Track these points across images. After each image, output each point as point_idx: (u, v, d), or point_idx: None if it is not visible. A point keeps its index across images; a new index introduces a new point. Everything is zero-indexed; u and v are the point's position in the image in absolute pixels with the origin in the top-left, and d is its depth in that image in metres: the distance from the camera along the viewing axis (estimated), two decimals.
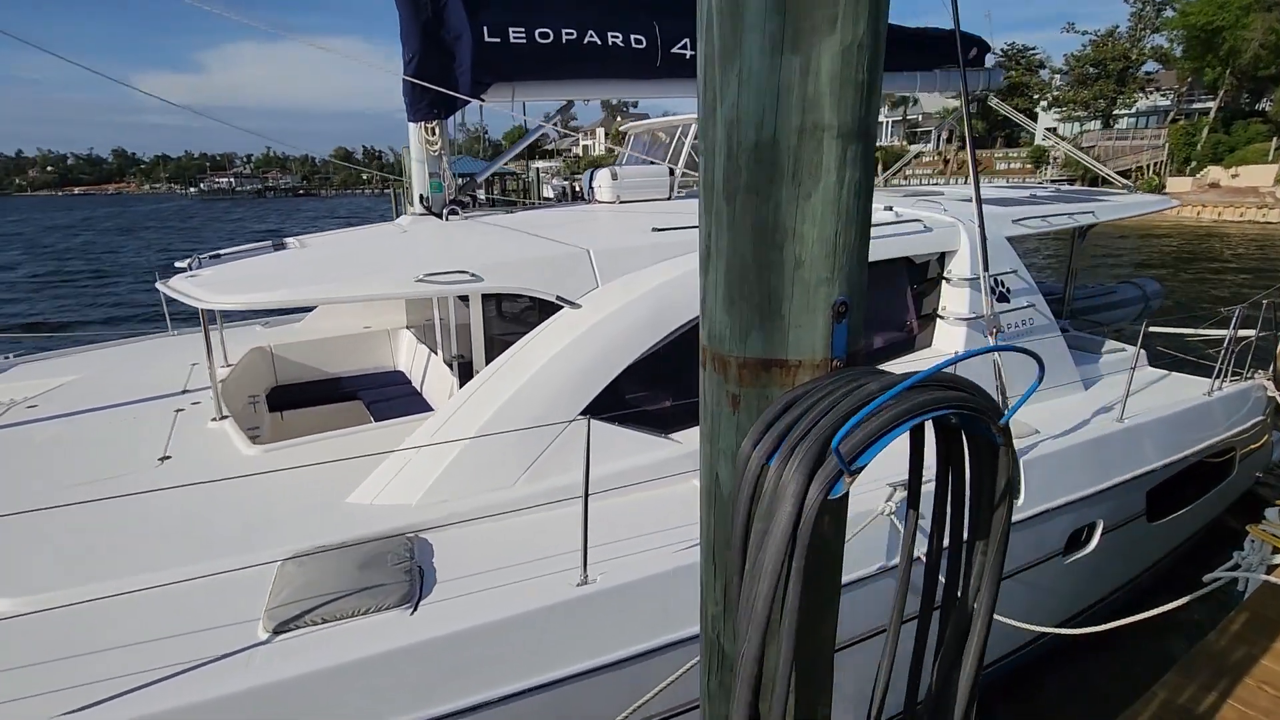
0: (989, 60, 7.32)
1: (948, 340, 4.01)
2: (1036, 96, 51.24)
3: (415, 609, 2.28)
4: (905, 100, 59.33)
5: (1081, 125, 47.39)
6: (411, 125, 4.57)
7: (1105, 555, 3.99)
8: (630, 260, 3.47)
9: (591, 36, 4.75)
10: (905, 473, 3.08)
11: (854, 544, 2.76)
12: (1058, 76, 48.92)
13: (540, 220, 4.47)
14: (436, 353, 4.60)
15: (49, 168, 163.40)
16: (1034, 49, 55.89)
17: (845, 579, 2.89)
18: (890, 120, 61.83)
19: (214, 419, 3.81)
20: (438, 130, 4.56)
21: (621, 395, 3.25)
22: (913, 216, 4.19)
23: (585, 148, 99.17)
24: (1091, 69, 44.74)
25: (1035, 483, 3.43)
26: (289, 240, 4.31)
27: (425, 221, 4.56)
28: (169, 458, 3.42)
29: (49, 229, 49.37)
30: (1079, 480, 3.63)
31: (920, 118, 59.62)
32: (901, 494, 2.93)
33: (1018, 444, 3.62)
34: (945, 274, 4.13)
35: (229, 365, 4.83)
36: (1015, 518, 3.27)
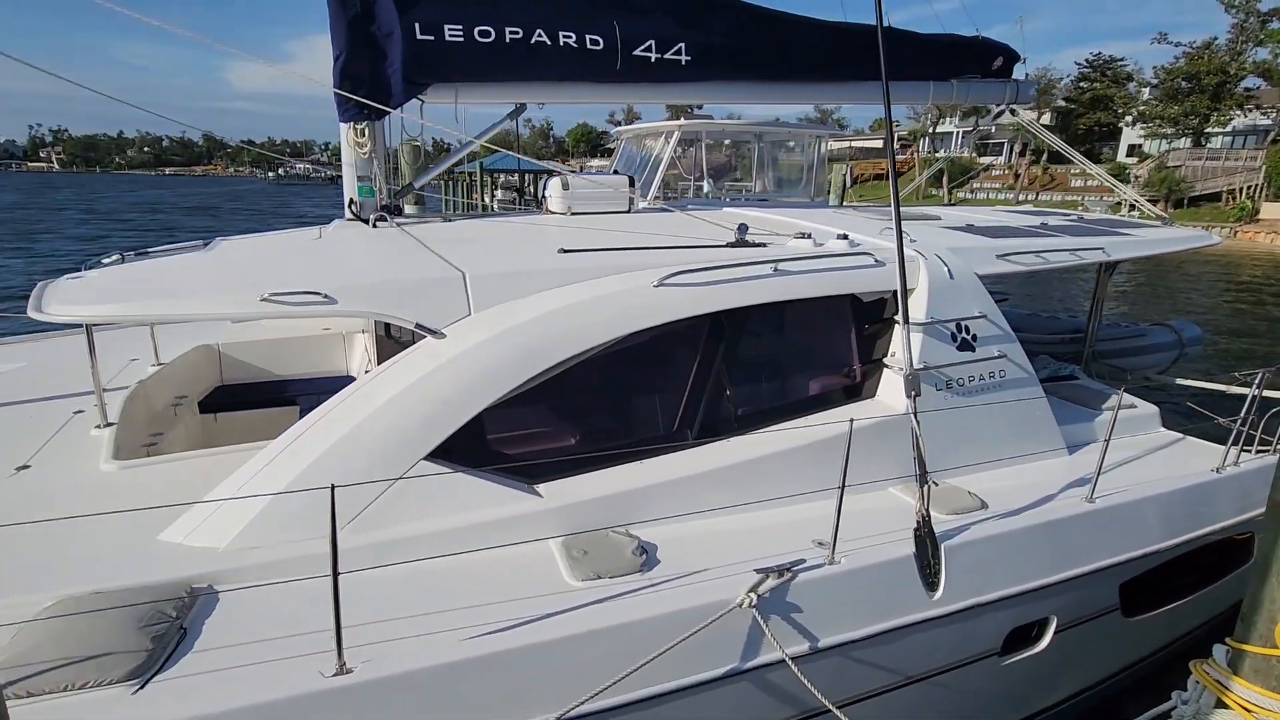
0: (1019, 71, 6.64)
1: (894, 392, 3.51)
2: (1121, 110, 48.31)
3: (144, 685, 1.99)
4: (977, 111, 56.84)
5: (1169, 143, 44.35)
6: (342, 125, 4.33)
7: (1065, 655, 3.42)
8: (517, 286, 3.12)
9: (540, 36, 4.42)
10: (778, 556, 2.65)
11: (700, 640, 2.34)
12: (1146, 90, 45.93)
13: (465, 233, 4.16)
14: (377, 361, 4.36)
15: (145, 148, 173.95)
16: (1122, 60, 52.80)
17: (683, 681, 2.51)
18: (960, 131, 59.32)
19: (98, 426, 3.65)
20: (368, 132, 4.30)
21: (483, 439, 2.91)
22: (865, 248, 3.69)
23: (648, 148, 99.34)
24: (1184, 83, 41.77)
25: (962, 571, 2.91)
26: (219, 241, 4.13)
27: (351, 229, 4.32)
28: (27, 467, 3.25)
29: (135, 204, 52.36)
30: (1022, 570, 3.09)
31: (993, 129, 56.94)
32: (772, 582, 2.49)
33: (954, 520, 3.11)
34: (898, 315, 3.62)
35: (158, 364, 4.70)
36: (929, 613, 2.78)
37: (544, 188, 5.01)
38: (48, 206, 48.86)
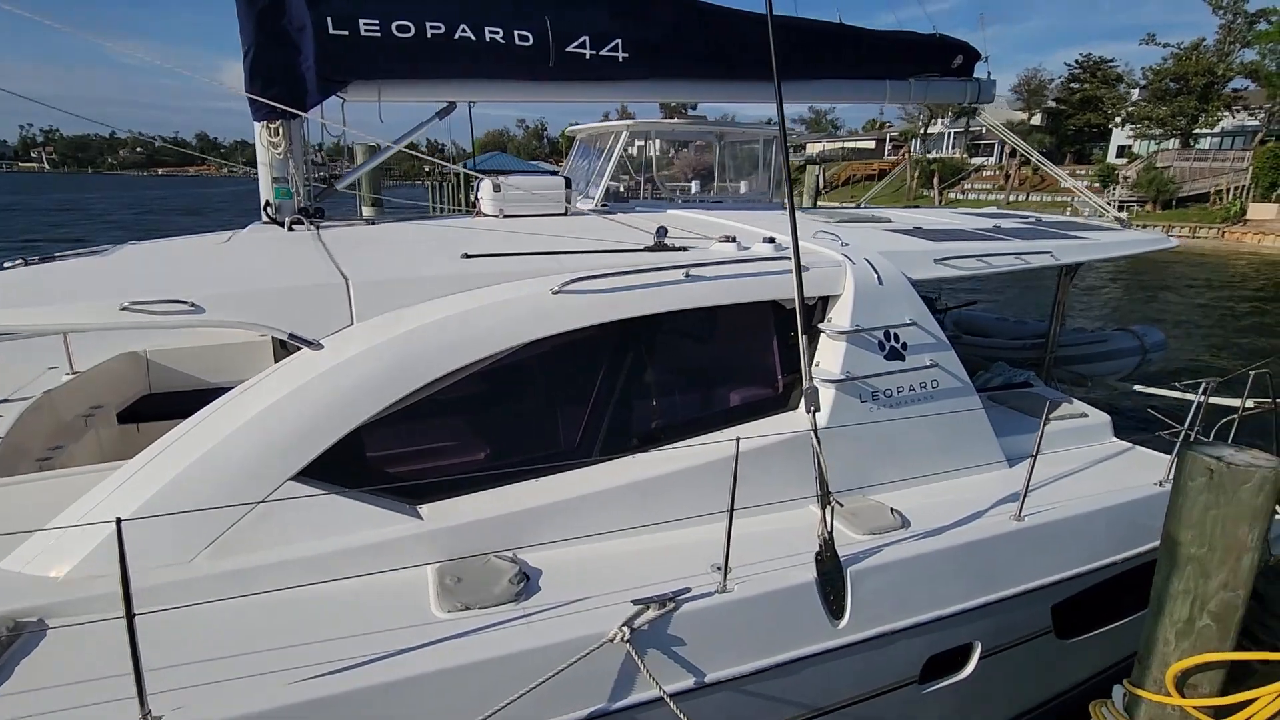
0: (981, 70, 6.49)
1: (821, 404, 3.34)
2: (1110, 111, 48.33)
3: None
4: (967, 110, 56.83)
5: (1158, 143, 44.37)
6: (256, 124, 4.15)
7: (993, 680, 3.26)
8: (408, 293, 2.94)
9: (464, 31, 4.24)
10: (674, 582, 2.48)
11: (567, 678, 2.17)
12: (1135, 91, 45.95)
13: (379, 237, 3.98)
14: None
15: (138, 149, 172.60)
16: (1111, 61, 52.84)
17: None
18: (951, 132, 59.36)
19: None
20: (282, 131, 4.12)
21: (361, 456, 2.73)
22: (789, 252, 3.52)
23: (640, 148, 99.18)
24: (1172, 84, 41.78)
25: (872, 596, 2.75)
26: (128, 245, 3.94)
27: (264, 232, 4.13)
28: None
29: (127, 205, 51.90)
30: (941, 594, 2.93)
31: (984, 130, 56.95)
32: (652, 614, 2.31)
33: (870, 541, 2.94)
34: (823, 323, 3.45)
35: (72, 373, 4.51)
36: (832, 643, 2.61)
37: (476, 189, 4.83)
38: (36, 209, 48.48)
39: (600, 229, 4.08)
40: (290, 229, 4.14)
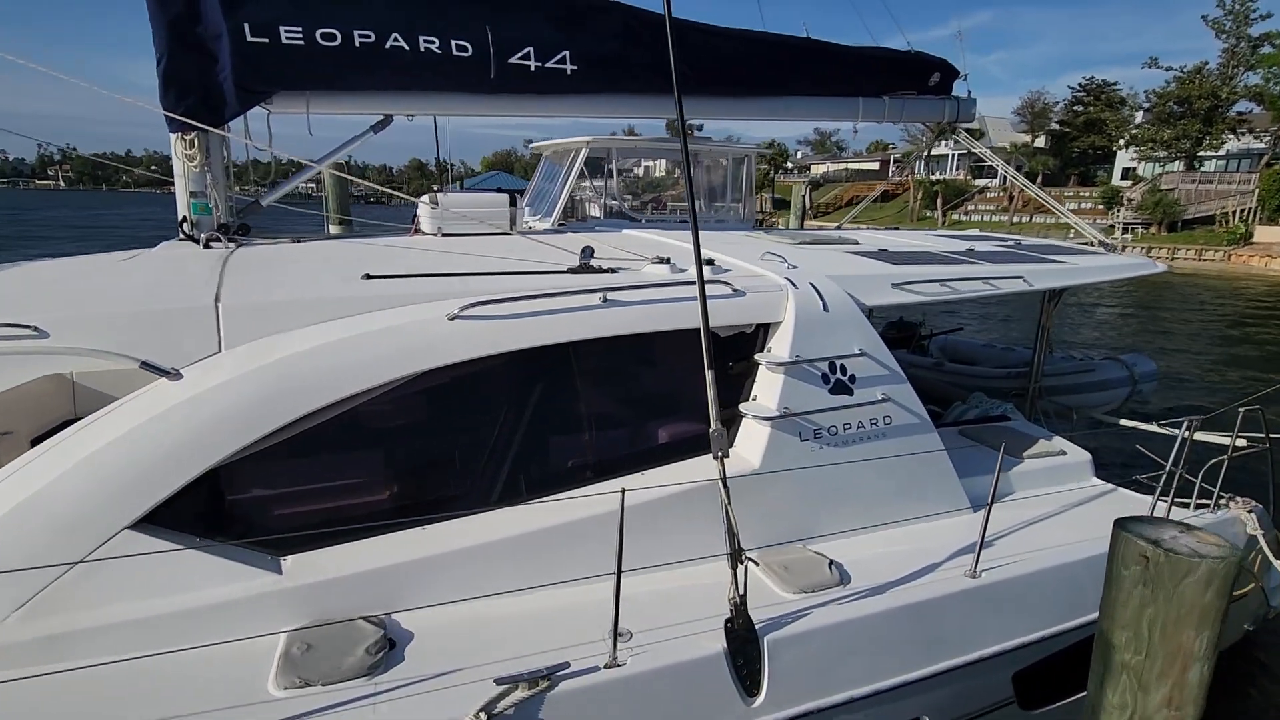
0: (960, 89, 6.24)
1: (750, 443, 3.02)
2: (1114, 134, 48.16)
3: None
4: (972, 133, 56.76)
5: (1162, 166, 44.10)
6: (171, 136, 3.91)
7: None
8: (289, 317, 2.66)
9: (396, 41, 4.01)
10: (546, 656, 2.15)
11: None
12: (1139, 114, 45.79)
13: (293, 256, 3.70)
14: None
15: (153, 167, 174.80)
16: (1115, 84, 52.79)
17: None
18: (955, 153, 59.29)
19: None
20: (198, 143, 3.88)
21: (217, 501, 2.43)
22: (723, 276, 3.23)
23: (647, 168, 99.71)
24: (1175, 106, 41.59)
25: (797, 668, 2.41)
26: (25, 262, 3.69)
27: (175, 249, 3.87)
28: None
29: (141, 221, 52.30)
30: (880, 664, 2.59)
31: (988, 151, 56.85)
32: (520, 694, 1.99)
33: (799, 601, 2.61)
34: (761, 354, 3.15)
35: None
36: None
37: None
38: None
39: (539, 250, 3.81)
40: (207, 246, 3.88)
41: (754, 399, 3.10)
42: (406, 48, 4.05)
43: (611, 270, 3.28)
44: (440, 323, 2.67)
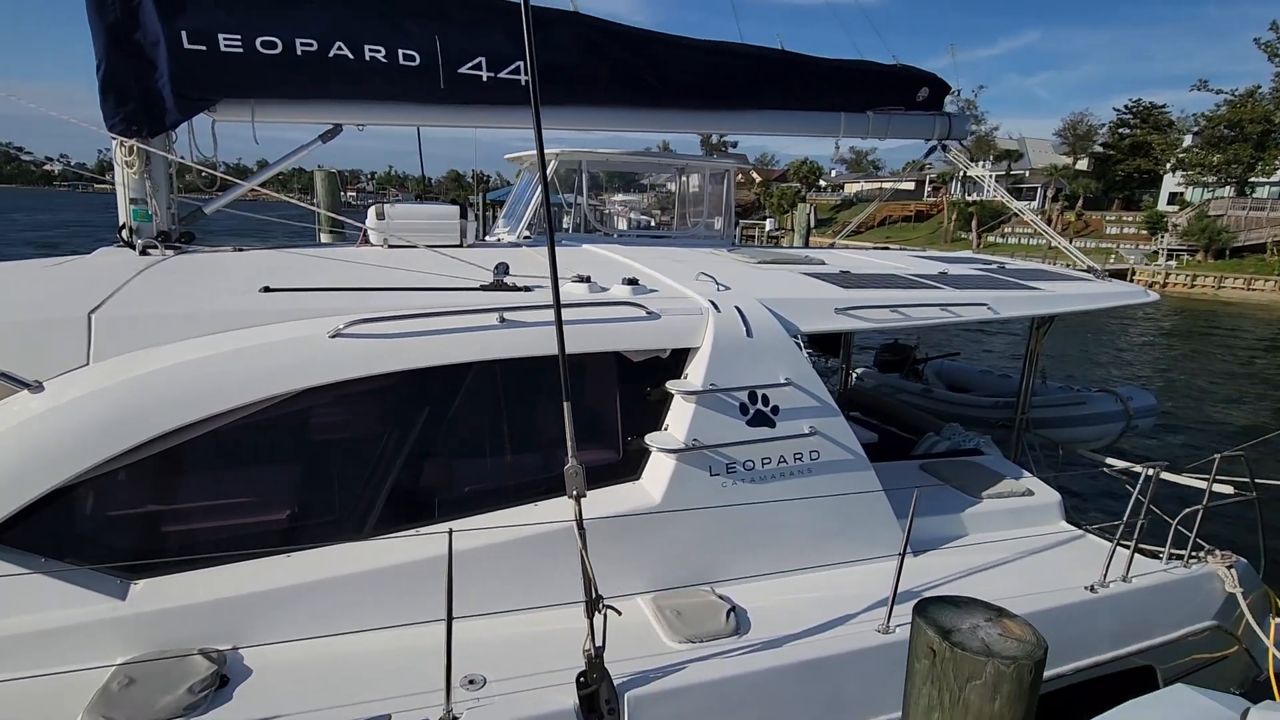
0: (951, 105, 5.99)
1: (654, 476, 2.83)
2: (1161, 157, 46.74)
3: None
4: (1010, 154, 55.63)
5: (1211, 191, 42.58)
6: (112, 142, 3.90)
7: None
8: (168, 330, 2.56)
9: (340, 49, 3.96)
10: (349, 711, 1.97)
11: None
12: (1188, 137, 44.35)
13: (220, 265, 3.64)
14: None
15: (202, 174, 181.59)
16: (1164, 106, 51.33)
17: None
18: (992, 175, 58.12)
19: None
20: (136, 149, 3.86)
21: (70, 520, 2.33)
22: (634, 298, 3.05)
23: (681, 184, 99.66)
24: (1226, 130, 40.19)
25: None
26: None
27: (109, 256, 3.85)
28: None
29: None
30: None
31: (1027, 173, 55.69)
32: None
33: (684, 651, 2.41)
34: (673, 381, 2.95)
35: None
36: None
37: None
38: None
39: (472, 265, 3.68)
40: (143, 253, 3.85)
41: (665, 429, 2.91)
42: (351, 56, 3.99)
43: (526, 289, 3.13)
44: (320, 340, 2.55)
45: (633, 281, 3.21)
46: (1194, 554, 3.51)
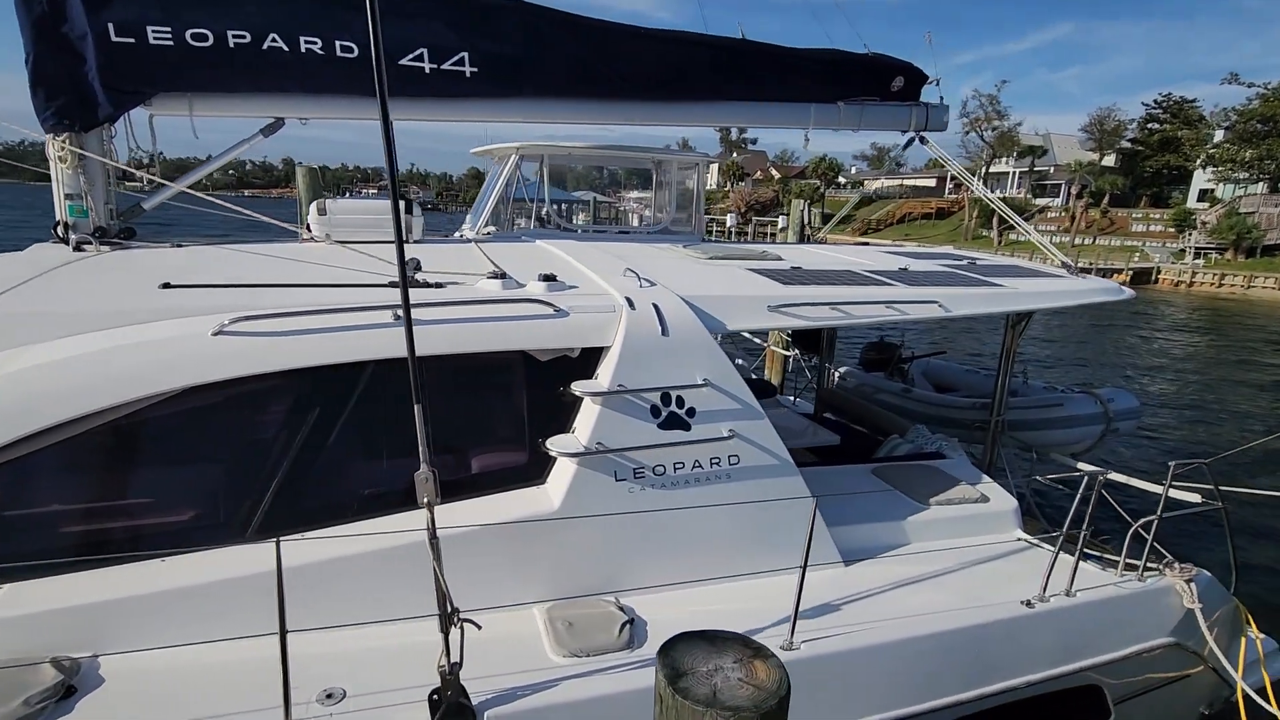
0: (932, 95, 5.77)
1: (555, 481, 2.71)
2: (1191, 153, 45.46)
3: None
4: (1034, 150, 54.49)
5: (1243, 188, 41.30)
6: (46, 136, 3.86)
7: None
8: (45, 328, 2.50)
9: (275, 41, 3.89)
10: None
11: None
12: (1218, 132, 43.04)
13: (145, 263, 3.57)
14: None
15: (230, 170, 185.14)
16: (1194, 101, 49.95)
17: None
18: (1016, 171, 57.01)
19: None
20: (70, 144, 3.82)
21: None
22: (541, 295, 2.93)
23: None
24: (1259, 125, 38.92)
25: None
26: None
27: (39, 252, 3.81)
28: None
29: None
30: None
31: (1052, 170, 54.53)
32: None
33: (566, 665, 2.29)
34: (579, 383, 2.82)
35: None
36: None
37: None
38: None
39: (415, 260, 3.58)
40: (78, 249, 3.82)
41: (573, 431, 2.79)
42: (286, 49, 3.92)
43: (438, 285, 3.03)
44: (203, 338, 2.47)
45: (550, 278, 3.09)
46: (1150, 566, 3.31)
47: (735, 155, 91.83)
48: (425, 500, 1.96)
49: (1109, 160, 52.17)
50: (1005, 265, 4.96)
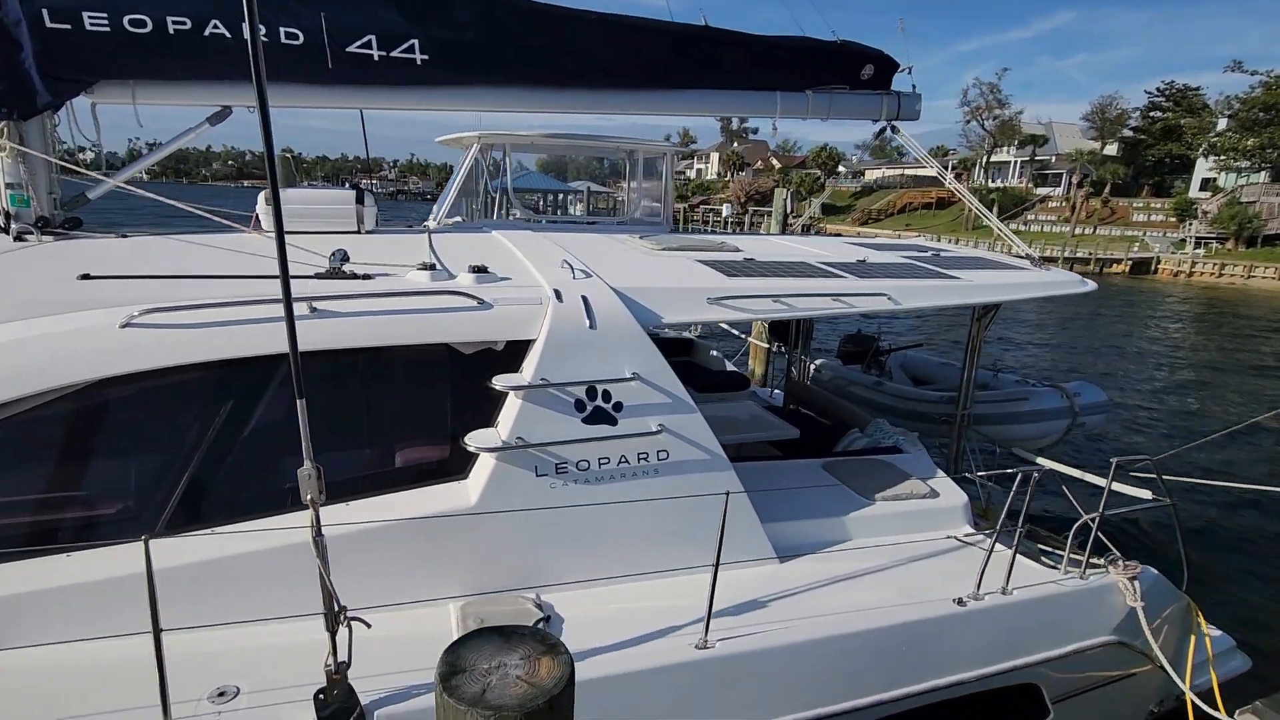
0: (904, 84, 5.68)
1: (475, 476, 2.67)
2: (1193, 141, 45.09)
3: None
4: (1035, 139, 54.06)
5: (1246, 177, 40.98)
6: None
7: None
8: None
9: (216, 28, 3.82)
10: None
11: None
12: (1222, 120, 42.64)
13: (80, 254, 3.52)
14: None
15: (230, 161, 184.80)
16: (1198, 89, 49.47)
17: None
18: (1017, 160, 56.60)
19: None
20: (7, 131, 3.76)
21: None
22: (463, 287, 2.88)
23: (699, 171, 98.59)
24: (1261, 113, 38.57)
25: None
26: None
27: None
28: None
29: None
30: None
31: (1053, 159, 54.11)
32: None
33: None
34: (501, 376, 2.77)
35: None
36: None
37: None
38: None
39: (356, 251, 3.53)
40: (18, 239, 3.77)
41: (495, 427, 2.74)
42: (229, 35, 3.85)
43: (366, 276, 2.98)
44: (111, 330, 2.43)
45: (481, 270, 3.04)
46: (1095, 563, 3.27)
47: (736, 145, 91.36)
48: (309, 498, 1.91)
49: (1111, 149, 51.75)
50: (969, 257, 4.89)
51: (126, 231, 4.14)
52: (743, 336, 9.04)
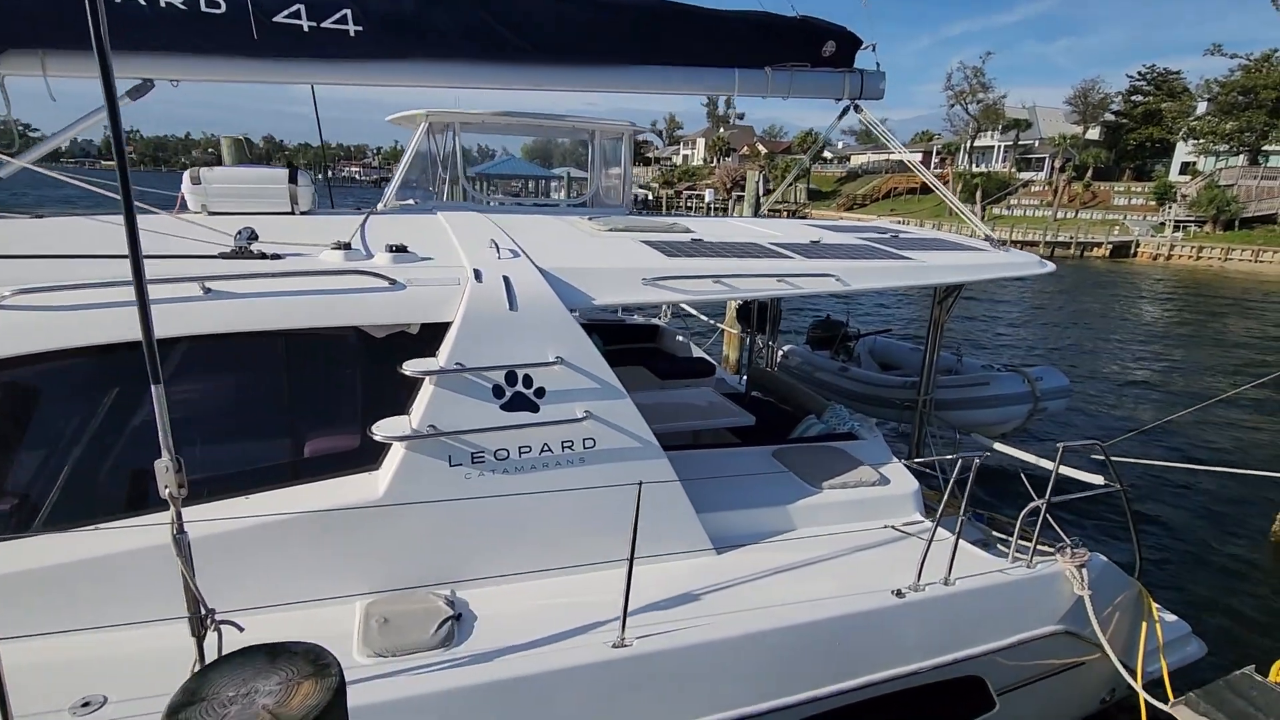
0: (868, 61, 5.52)
1: (388, 466, 2.52)
2: (1173, 125, 45.29)
3: None
4: (1018, 124, 54.08)
5: (1225, 160, 41.23)
6: None
7: None
8: None
9: None
10: None
11: None
12: (1202, 103, 42.83)
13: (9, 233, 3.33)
14: None
15: (210, 149, 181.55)
16: (1179, 73, 49.62)
17: None
18: (1001, 145, 56.65)
19: None
20: None
21: None
22: (374, 267, 2.71)
23: (685, 157, 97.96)
24: (1240, 97, 38.76)
25: None
26: None
27: None
28: None
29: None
30: None
31: (1036, 143, 54.18)
32: None
33: (369, 665, 2.13)
34: (413, 361, 2.62)
35: None
36: None
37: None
38: None
39: (279, 232, 3.35)
40: None
41: (407, 414, 2.59)
42: (144, 3, 3.64)
43: (275, 256, 2.81)
44: None
45: (400, 249, 2.88)
46: (1044, 551, 3.18)
47: (722, 130, 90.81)
48: (167, 493, 1.76)
49: (1093, 133, 51.90)
50: (927, 239, 4.78)
51: (42, 212, 3.92)
52: (713, 322, 8.92)
